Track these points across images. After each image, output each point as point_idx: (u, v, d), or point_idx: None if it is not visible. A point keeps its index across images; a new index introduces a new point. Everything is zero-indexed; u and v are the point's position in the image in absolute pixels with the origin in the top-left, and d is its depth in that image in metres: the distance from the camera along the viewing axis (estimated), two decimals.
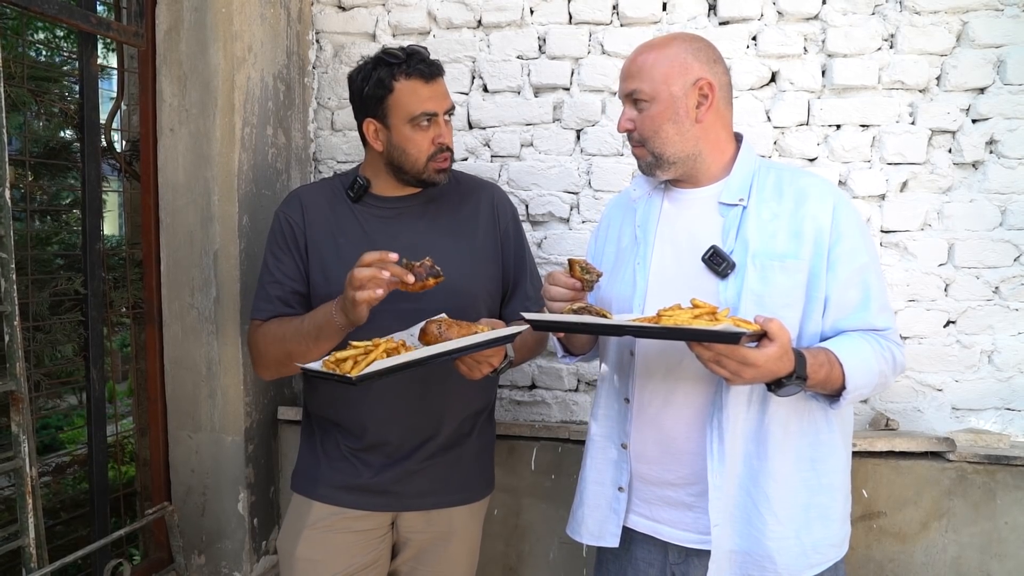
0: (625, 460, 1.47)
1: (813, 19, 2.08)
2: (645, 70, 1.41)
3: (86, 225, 1.97)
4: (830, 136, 2.09)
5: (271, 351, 1.63)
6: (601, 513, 1.50)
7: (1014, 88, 1.98)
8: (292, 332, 1.57)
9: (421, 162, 1.64)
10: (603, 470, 1.51)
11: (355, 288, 1.36)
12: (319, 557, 1.67)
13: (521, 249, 1.83)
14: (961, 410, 2.07)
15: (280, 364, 1.64)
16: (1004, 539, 1.94)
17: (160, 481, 2.16)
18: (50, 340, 2.10)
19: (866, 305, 1.37)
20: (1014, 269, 2.02)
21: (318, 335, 1.51)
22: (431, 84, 1.62)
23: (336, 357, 1.33)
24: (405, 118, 1.61)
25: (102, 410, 2.00)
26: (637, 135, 1.44)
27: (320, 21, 2.38)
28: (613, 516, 1.48)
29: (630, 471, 1.47)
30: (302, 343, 1.55)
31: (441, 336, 1.39)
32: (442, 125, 1.65)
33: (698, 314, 1.20)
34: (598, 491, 1.52)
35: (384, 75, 1.61)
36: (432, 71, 1.62)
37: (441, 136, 1.64)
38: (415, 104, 1.60)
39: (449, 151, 1.67)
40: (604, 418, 1.52)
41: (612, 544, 1.49)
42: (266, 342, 1.64)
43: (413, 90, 1.61)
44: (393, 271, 1.36)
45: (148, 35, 2.04)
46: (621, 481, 1.48)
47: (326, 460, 1.71)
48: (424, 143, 1.63)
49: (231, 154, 2.03)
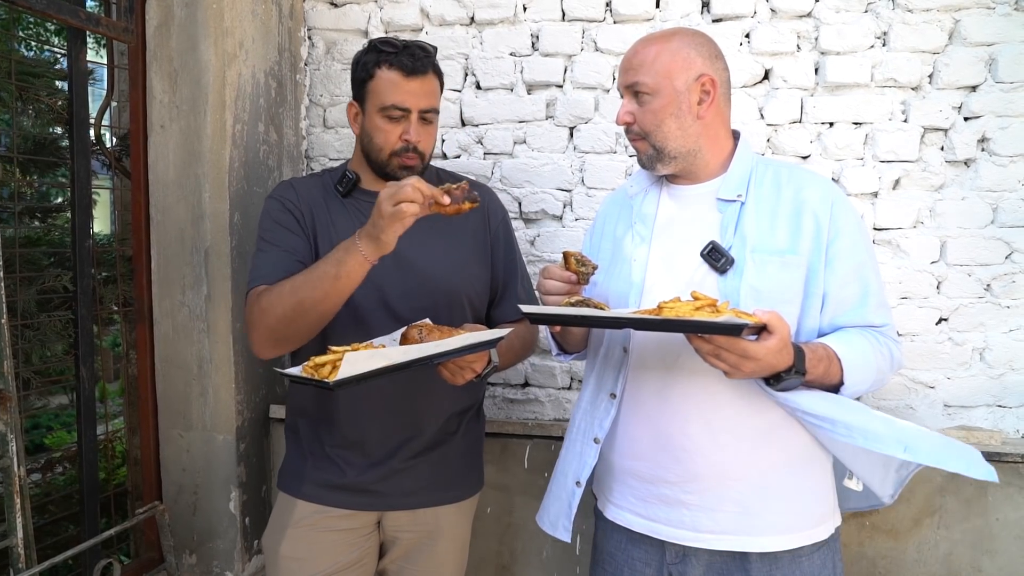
0: (591, 455, 1.47)
1: (806, 17, 2.08)
2: (647, 63, 1.40)
3: (75, 222, 1.95)
4: (823, 134, 2.09)
5: (276, 308, 1.48)
6: (559, 505, 1.51)
7: (1006, 86, 1.99)
8: (305, 279, 1.46)
9: (384, 154, 1.64)
10: (569, 462, 1.52)
11: (394, 202, 1.30)
12: (303, 555, 1.67)
13: (511, 251, 1.81)
14: (953, 407, 2.07)
15: (287, 323, 1.49)
16: (995, 535, 1.95)
17: (151, 480, 2.14)
18: (39, 338, 2.09)
19: (864, 301, 1.37)
20: (1006, 267, 2.03)
21: (338, 272, 1.40)
22: (411, 79, 1.61)
23: (315, 362, 1.32)
24: (377, 106, 1.62)
25: (92, 409, 1.99)
26: (637, 128, 1.43)
27: (312, 17, 2.37)
28: (567, 510, 1.48)
29: (594, 466, 1.47)
30: (318, 287, 1.43)
31: (422, 341, 1.37)
32: (413, 123, 1.62)
33: (699, 306, 1.20)
34: (561, 482, 1.52)
35: (369, 60, 1.63)
36: (415, 67, 1.60)
37: (408, 134, 1.62)
38: (388, 94, 1.60)
39: (417, 152, 1.63)
40: (583, 412, 1.53)
41: (564, 538, 1.48)
42: (271, 300, 1.50)
43: (391, 81, 1.60)
44: (431, 191, 1.31)
45: (138, 31, 2.03)
46: (580, 475, 1.47)
47: (311, 459, 1.70)
48: (391, 136, 1.62)
49: (222, 151, 2.02)
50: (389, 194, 1.32)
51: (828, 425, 1.27)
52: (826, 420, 1.27)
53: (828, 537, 1.40)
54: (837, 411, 1.27)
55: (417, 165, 1.65)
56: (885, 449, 1.22)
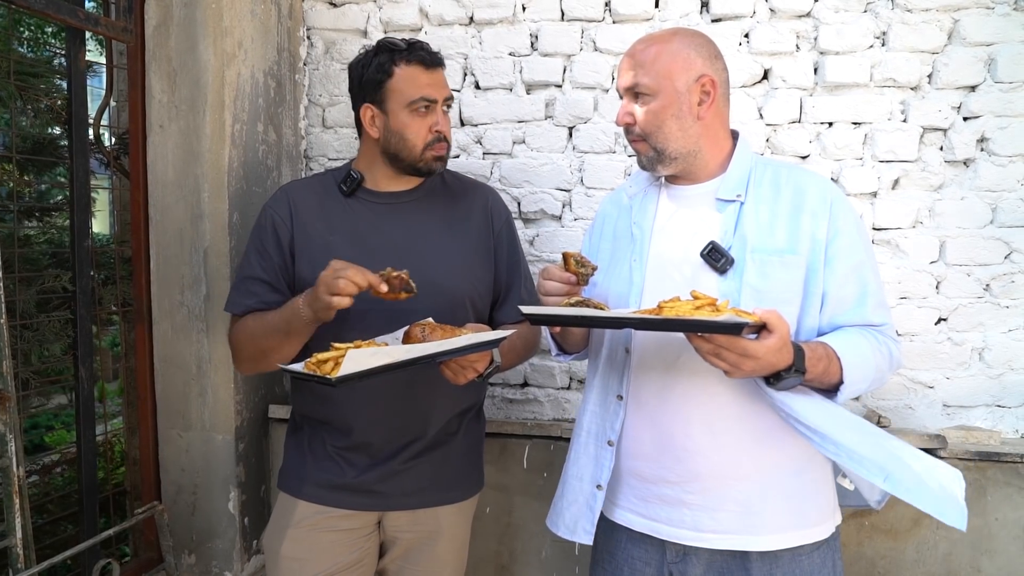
0: (608, 458, 1.46)
1: (805, 16, 2.08)
2: (647, 64, 1.39)
3: (74, 222, 1.95)
4: (822, 134, 2.09)
5: (246, 347, 1.64)
6: (577, 508, 1.49)
7: (1005, 86, 1.99)
8: (263, 328, 1.58)
9: (418, 148, 1.64)
10: (584, 466, 1.50)
11: (329, 293, 1.39)
12: (304, 556, 1.67)
13: (515, 253, 1.81)
14: (952, 407, 2.07)
15: (255, 360, 1.64)
16: (994, 535, 1.95)
17: (150, 480, 2.14)
18: (38, 338, 2.09)
19: (863, 301, 1.37)
20: (1005, 267, 2.03)
21: (287, 330, 1.52)
22: (431, 72, 1.63)
23: (317, 359, 1.33)
24: (403, 103, 1.61)
25: (91, 409, 1.98)
26: (638, 129, 1.43)
27: (311, 17, 2.37)
28: (588, 513, 1.47)
29: (612, 469, 1.46)
30: (272, 338, 1.56)
31: (425, 340, 1.37)
32: (440, 113, 1.65)
33: (699, 305, 1.20)
34: (577, 487, 1.50)
35: (385, 60, 1.62)
36: (433, 60, 1.64)
37: (438, 124, 1.64)
38: (414, 89, 1.61)
39: (446, 141, 1.67)
40: (592, 414, 1.51)
41: (585, 541, 1.48)
42: (241, 338, 1.64)
43: (413, 76, 1.61)
44: (370, 280, 1.39)
45: (137, 31, 2.03)
46: (600, 479, 1.46)
47: (312, 459, 1.70)
48: (422, 129, 1.63)
49: (221, 151, 2.02)
50: (327, 284, 1.39)
51: (818, 439, 1.28)
52: (817, 433, 1.28)
53: (828, 536, 1.40)
54: (830, 425, 1.28)
55: (446, 153, 1.69)
56: (867, 475, 1.26)
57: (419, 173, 1.68)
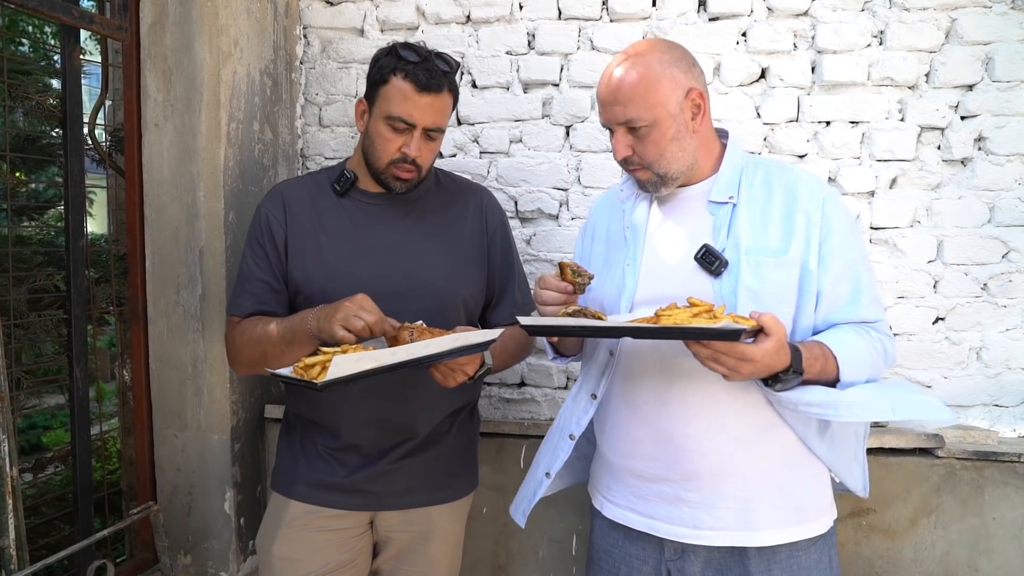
0: (565, 449, 1.53)
1: (803, 15, 2.08)
2: (637, 97, 1.36)
3: (69, 221, 1.94)
4: (820, 133, 2.09)
5: (245, 351, 1.63)
6: (525, 492, 1.62)
7: (1002, 85, 1.99)
8: (266, 335, 1.58)
9: (383, 161, 1.61)
10: (543, 454, 1.60)
11: (340, 324, 1.40)
12: (296, 555, 1.67)
13: (509, 254, 1.80)
14: (950, 407, 2.07)
15: (254, 364, 1.64)
16: (992, 535, 1.95)
17: (145, 480, 2.13)
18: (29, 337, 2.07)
19: (857, 298, 1.38)
20: (1002, 266, 2.03)
21: (292, 340, 1.52)
22: (423, 95, 1.56)
23: (304, 363, 1.33)
24: (384, 113, 1.59)
25: (86, 409, 1.97)
26: (638, 159, 1.42)
27: (307, 16, 2.36)
28: (531, 496, 1.58)
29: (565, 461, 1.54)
30: (276, 346, 1.55)
31: (412, 343, 1.37)
32: (416, 138, 1.59)
33: (696, 312, 1.21)
34: (532, 472, 1.62)
35: (387, 64, 1.59)
36: (430, 83, 1.56)
37: (408, 147, 1.59)
38: (397, 106, 1.57)
39: (415, 166, 1.61)
40: (565, 409, 1.59)
41: (519, 522, 1.61)
42: (242, 341, 1.64)
43: (402, 92, 1.56)
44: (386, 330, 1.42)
45: (132, 29, 2.01)
46: (551, 468, 1.55)
47: (304, 459, 1.70)
48: (391, 146, 1.60)
49: (217, 150, 2.01)
50: (344, 316, 1.40)
51: (832, 410, 1.27)
52: (829, 406, 1.27)
53: (825, 531, 1.41)
54: (836, 394, 1.29)
55: (412, 178, 1.63)
56: (880, 416, 1.30)
57: (381, 184, 1.66)
